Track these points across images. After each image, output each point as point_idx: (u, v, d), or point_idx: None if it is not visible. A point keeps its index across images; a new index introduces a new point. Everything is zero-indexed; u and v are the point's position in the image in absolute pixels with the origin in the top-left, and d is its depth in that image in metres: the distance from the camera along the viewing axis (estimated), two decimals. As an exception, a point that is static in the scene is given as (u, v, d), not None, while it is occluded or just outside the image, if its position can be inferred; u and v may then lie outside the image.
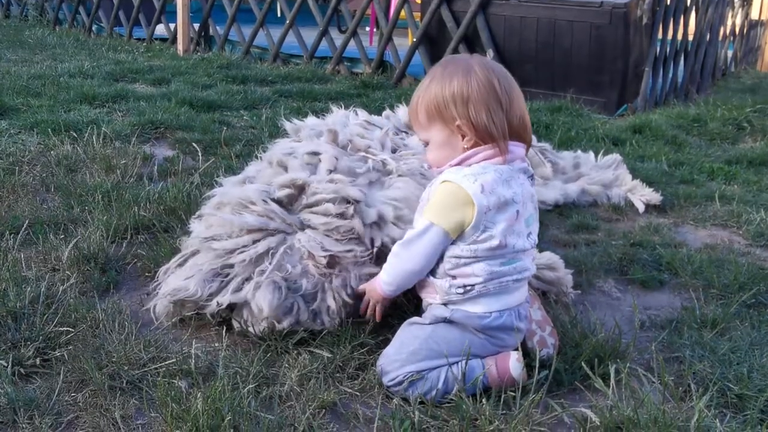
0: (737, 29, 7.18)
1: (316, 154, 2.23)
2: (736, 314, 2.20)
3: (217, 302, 1.95)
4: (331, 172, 2.16)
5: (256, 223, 2.01)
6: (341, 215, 2.01)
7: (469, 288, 1.77)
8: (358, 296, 1.99)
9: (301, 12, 6.50)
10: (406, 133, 2.65)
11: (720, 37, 6.63)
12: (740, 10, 7.10)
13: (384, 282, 1.88)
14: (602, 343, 1.93)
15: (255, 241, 2.00)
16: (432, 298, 1.84)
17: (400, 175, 2.21)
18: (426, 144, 1.87)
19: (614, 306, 2.35)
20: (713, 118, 4.89)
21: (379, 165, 2.25)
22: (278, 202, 2.09)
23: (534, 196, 1.86)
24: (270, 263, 1.96)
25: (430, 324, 1.84)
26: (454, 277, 1.78)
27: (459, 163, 1.79)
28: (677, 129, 4.70)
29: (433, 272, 1.82)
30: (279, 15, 7.41)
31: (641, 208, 3.21)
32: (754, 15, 7.64)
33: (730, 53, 7.21)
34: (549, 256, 2.29)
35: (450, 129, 1.77)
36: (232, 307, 1.99)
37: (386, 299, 1.94)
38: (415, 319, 1.89)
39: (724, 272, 2.50)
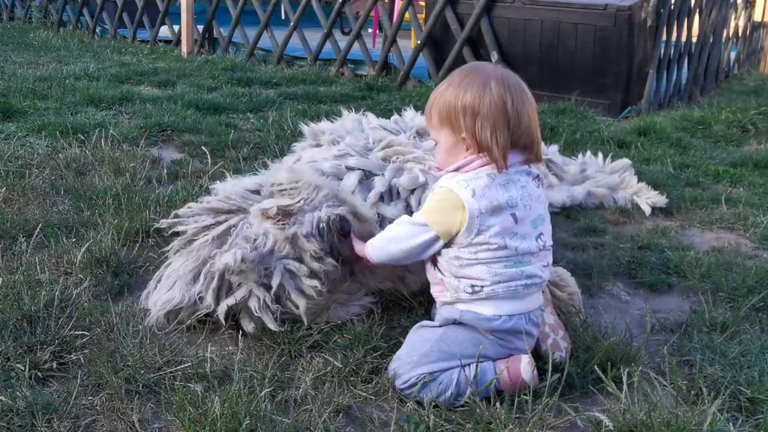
0: (740, 31, 7.19)
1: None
2: (745, 318, 2.22)
3: (210, 306, 1.99)
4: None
5: (214, 205, 2.10)
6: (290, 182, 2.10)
7: (477, 289, 1.80)
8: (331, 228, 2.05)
9: (304, 14, 6.51)
10: (415, 138, 2.67)
11: (723, 39, 6.64)
12: (743, 12, 7.11)
13: (372, 247, 1.94)
14: (614, 346, 1.94)
15: (218, 223, 2.06)
16: (443, 296, 1.87)
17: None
18: (436, 144, 1.92)
19: (623, 309, 2.36)
20: (717, 120, 4.90)
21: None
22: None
23: (541, 197, 1.88)
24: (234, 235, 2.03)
25: (440, 326, 1.86)
26: (461, 277, 1.82)
27: (456, 170, 1.83)
28: (682, 131, 4.71)
29: (443, 272, 1.85)
30: (283, 17, 7.41)
31: (648, 210, 3.22)
32: (757, 17, 7.66)
33: (733, 55, 7.22)
34: (558, 273, 2.24)
35: (456, 138, 1.82)
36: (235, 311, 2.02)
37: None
38: (425, 322, 1.92)
39: (732, 275, 2.51)
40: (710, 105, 5.38)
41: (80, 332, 1.96)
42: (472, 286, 1.80)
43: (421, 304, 2.18)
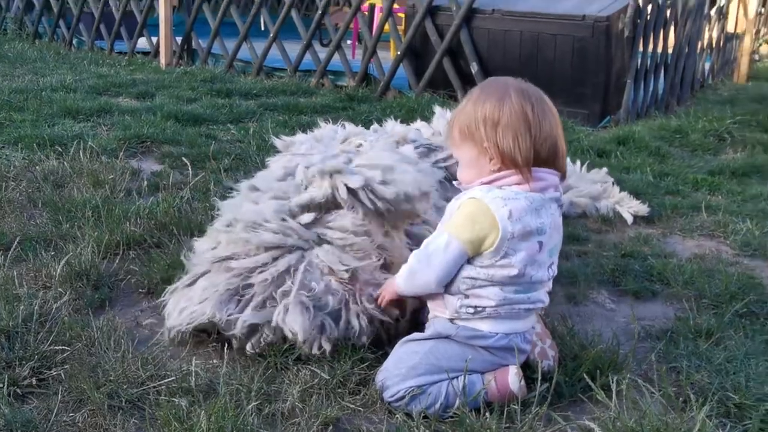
0: (714, 42, 7.30)
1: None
2: (729, 324, 2.23)
3: (243, 321, 1.91)
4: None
5: (274, 240, 1.99)
6: (355, 233, 2.01)
7: (480, 309, 1.78)
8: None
9: (284, 25, 6.50)
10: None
11: (698, 50, 6.74)
12: (717, 23, 7.22)
13: (400, 287, 1.88)
14: (601, 354, 1.94)
15: (274, 259, 1.98)
16: (440, 312, 1.83)
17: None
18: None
19: (609, 317, 2.37)
20: (694, 129, 4.96)
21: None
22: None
23: (560, 226, 1.85)
24: (293, 282, 1.94)
25: (429, 339, 1.84)
26: (467, 296, 1.78)
27: (490, 182, 1.78)
28: (660, 140, 4.76)
29: (446, 288, 1.81)
30: (262, 28, 7.39)
31: (630, 219, 3.24)
32: (730, 28, 7.78)
33: (707, 66, 7.33)
34: None
35: (478, 149, 1.77)
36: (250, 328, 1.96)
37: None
38: (414, 335, 1.89)
39: (715, 282, 2.53)
40: (687, 114, 5.45)
41: (60, 347, 1.92)
42: (475, 307, 1.77)
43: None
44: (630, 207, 3.27)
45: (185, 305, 1.99)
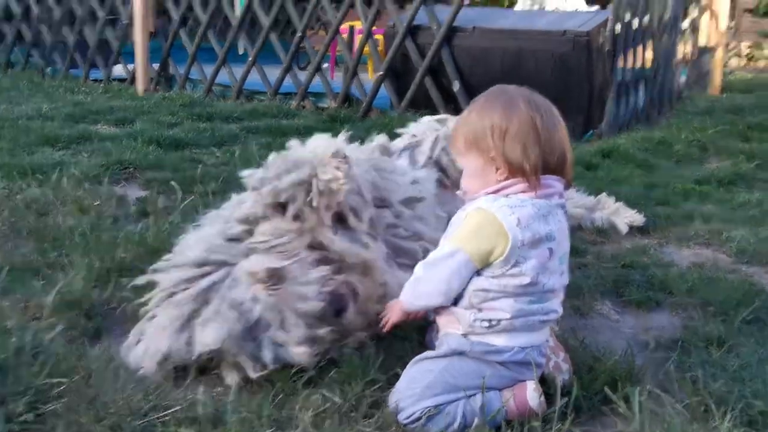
0: (689, 56, 7.42)
1: None
2: (738, 331, 2.21)
3: (204, 346, 1.86)
4: None
5: (200, 256, 1.97)
6: (275, 234, 1.98)
7: (495, 323, 1.72)
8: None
9: (262, 49, 6.46)
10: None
11: (674, 64, 6.84)
12: (690, 37, 7.34)
13: (406, 302, 1.83)
14: (616, 366, 1.90)
15: (203, 275, 1.94)
16: (453, 328, 1.77)
17: None
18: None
19: (615, 328, 2.34)
20: (678, 140, 5.01)
21: None
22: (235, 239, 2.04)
23: (568, 234, 1.82)
24: (216, 297, 1.91)
25: (444, 357, 1.79)
26: (480, 309, 1.73)
27: (495, 192, 1.74)
28: (645, 152, 4.79)
29: (457, 302, 1.76)
30: (240, 52, 7.36)
31: (624, 230, 3.23)
32: (703, 42, 7.91)
33: (683, 78, 7.43)
34: None
35: (485, 159, 1.74)
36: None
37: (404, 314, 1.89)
38: (426, 353, 1.84)
39: (718, 289, 2.51)
40: (668, 126, 5.50)
41: (57, 380, 1.82)
42: (490, 320, 1.72)
43: (414, 329, 2.10)
44: (626, 217, 3.26)
45: (147, 345, 1.93)
